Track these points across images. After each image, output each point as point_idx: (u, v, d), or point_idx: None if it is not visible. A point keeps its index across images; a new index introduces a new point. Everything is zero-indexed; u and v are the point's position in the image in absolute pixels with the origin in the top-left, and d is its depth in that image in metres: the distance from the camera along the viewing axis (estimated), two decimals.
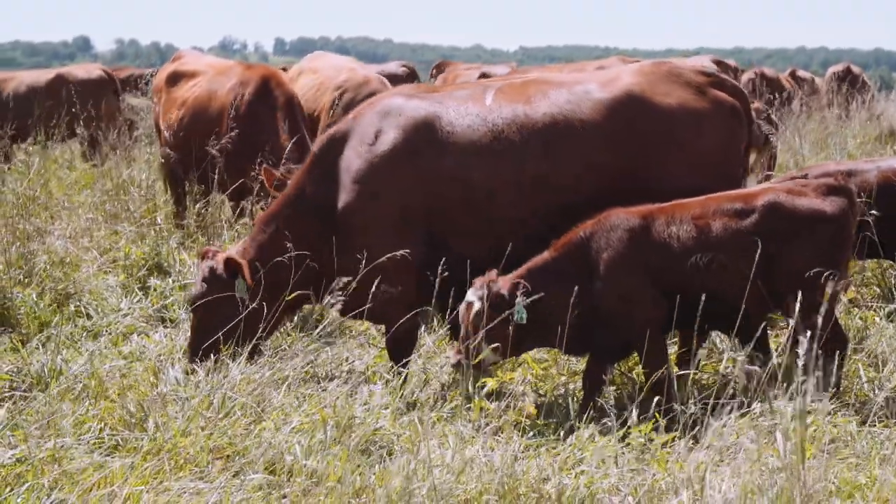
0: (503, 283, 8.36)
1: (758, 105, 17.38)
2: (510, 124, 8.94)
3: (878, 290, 11.02)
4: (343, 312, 9.15)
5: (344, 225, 9.00)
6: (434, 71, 25.04)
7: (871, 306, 10.44)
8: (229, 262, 9.01)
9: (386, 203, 8.98)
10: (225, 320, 8.85)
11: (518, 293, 8.32)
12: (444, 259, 8.58)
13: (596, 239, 8.42)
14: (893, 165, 11.02)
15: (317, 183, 9.24)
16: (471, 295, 8.38)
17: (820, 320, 7.56)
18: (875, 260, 10.84)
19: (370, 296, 8.61)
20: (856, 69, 29.81)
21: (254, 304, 8.87)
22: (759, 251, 7.98)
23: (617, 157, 8.85)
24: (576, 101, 8.97)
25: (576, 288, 8.19)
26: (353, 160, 9.10)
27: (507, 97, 9.11)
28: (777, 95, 22.97)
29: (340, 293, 8.50)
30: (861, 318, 9.92)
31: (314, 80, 15.13)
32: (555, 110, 8.95)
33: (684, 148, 8.93)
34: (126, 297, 11.36)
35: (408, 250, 8.71)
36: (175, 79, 14.44)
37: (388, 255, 8.67)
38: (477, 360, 8.19)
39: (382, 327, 9.40)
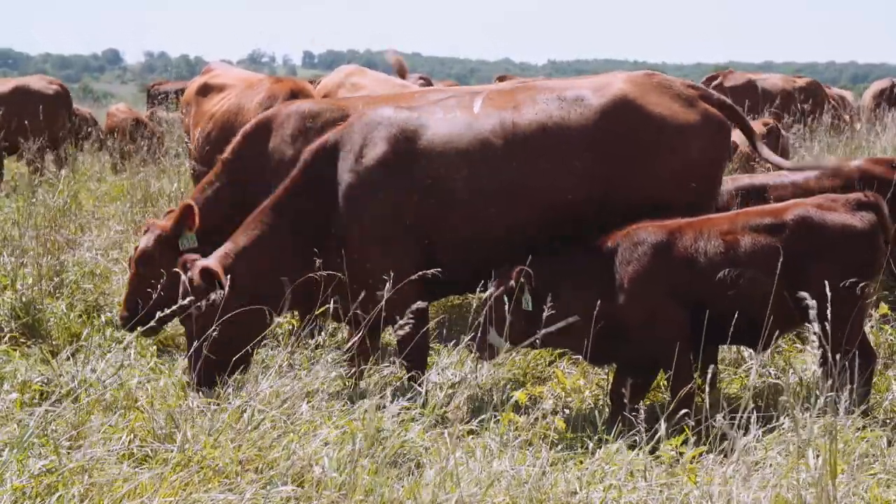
0: (511, 271, 8.41)
1: (768, 120, 17.39)
2: (495, 132, 8.93)
3: None
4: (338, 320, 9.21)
5: (337, 236, 9.02)
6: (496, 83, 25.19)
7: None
8: (206, 272, 8.94)
9: (376, 215, 8.99)
10: (217, 331, 8.70)
11: (522, 280, 8.36)
12: (443, 268, 8.66)
13: (622, 252, 8.43)
14: (808, 178, 11.02)
15: (306, 192, 9.24)
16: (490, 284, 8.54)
17: (847, 336, 7.60)
18: None
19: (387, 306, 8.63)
20: None
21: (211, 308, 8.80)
22: (787, 266, 7.98)
23: (606, 163, 8.83)
24: (566, 108, 8.95)
25: (596, 295, 8.23)
26: (343, 172, 9.11)
27: (495, 104, 9.10)
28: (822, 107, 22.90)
29: (408, 322, 8.47)
30: (893, 335, 9.88)
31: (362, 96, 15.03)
32: (542, 117, 8.94)
33: (672, 157, 8.90)
34: None
35: (404, 261, 8.73)
36: (205, 91, 14.48)
37: (384, 266, 8.67)
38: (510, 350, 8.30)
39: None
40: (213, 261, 9.11)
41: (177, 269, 9.12)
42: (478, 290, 8.77)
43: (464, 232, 8.94)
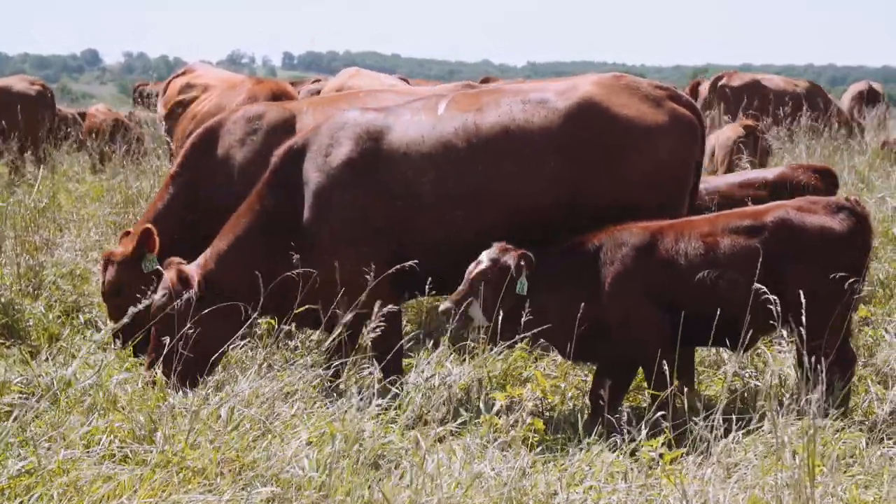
0: (514, 253, 8.42)
1: (749, 122, 17.43)
2: (458, 134, 8.96)
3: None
4: (312, 325, 9.33)
5: (306, 238, 9.04)
6: None
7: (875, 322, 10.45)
8: (180, 275, 9.07)
9: (344, 216, 9.03)
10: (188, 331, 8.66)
11: (524, 264, 8.38)
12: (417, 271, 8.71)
13: (604, 251, 8.43)
14: (732, 185, 11.08)
15: (277, 195, 9.28)
16: (483, 255, 8.50)
17: (828, 338, 7.61)
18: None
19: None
20: (877, 86, 29.83)
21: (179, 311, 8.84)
22: (767, 268, 8.00)
23: (573, 166, 8.84)
24: (529, 111, 8.96)
25: (576, 292, 8.24)
26: (311, 173, 9.15)
27: (459, 106, 9.13)
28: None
29: (380, 324, 8.46)
30: (871, 336, 9.92)
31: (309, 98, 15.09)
32: (505, 119, 8.96)
33: (639, 159, 8.90)
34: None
35: (374, 262, 8.73)
36: (186, 91, 14.48)
37: (354, 268, 8.75)
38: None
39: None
40: (193, 266, 9.21)
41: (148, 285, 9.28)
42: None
43: (433, 235, 8.97)
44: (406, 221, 8.97)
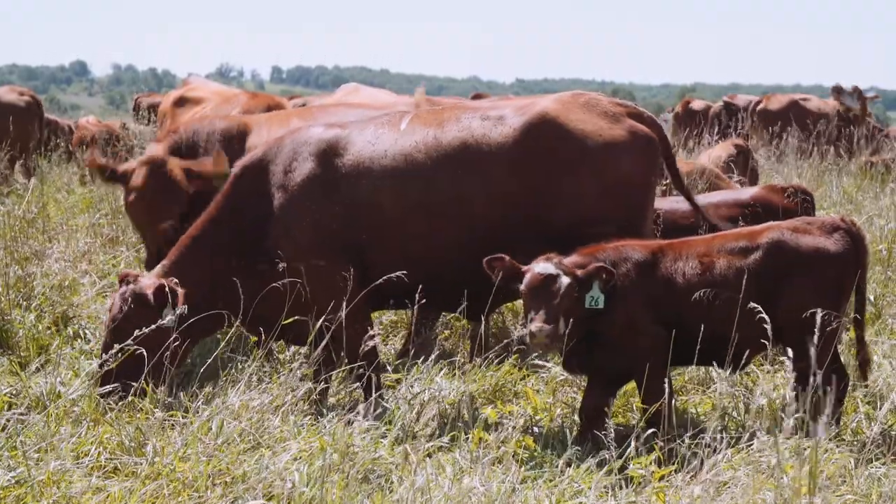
0: (592, 266, 8.27)
1: (739, 142, 17.49)
2: (418, 148, 9.02)
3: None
4: (289, 340, 9.43)
5: (271, 252, 9.07)
6: None
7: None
8: (161, 290, 8.94)
9: (307, 232, 9.05)
10: (144, 344, 8.42)
11: (606, 277, 8.26)
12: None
13: (608, 265, 8.41)
14: (707, 205, 11.08)
15: (238, 207, 9.32)
16: (550, 268, 8.26)
17: (817, 356, 7.60)
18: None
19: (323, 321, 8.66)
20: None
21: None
22: (761, 288, 8.03)
23: (528, 180, 8.90)
24: (488, 126, 9.03)
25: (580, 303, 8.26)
26: (273, 188, 9.20)
27: (421, 121, 9.20)
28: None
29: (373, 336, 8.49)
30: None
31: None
32: (465, 134, 9.01)
33: (596, 175, 8.94)
34: None
35: (338, 276, 8.79)
36: (181, 104, 14.48)
37: (319, 281, 8.84)
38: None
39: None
40: (153, 279, 9.13)
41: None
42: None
43: (396, 249, 9.01)
44: (365, 237, 9.03)
